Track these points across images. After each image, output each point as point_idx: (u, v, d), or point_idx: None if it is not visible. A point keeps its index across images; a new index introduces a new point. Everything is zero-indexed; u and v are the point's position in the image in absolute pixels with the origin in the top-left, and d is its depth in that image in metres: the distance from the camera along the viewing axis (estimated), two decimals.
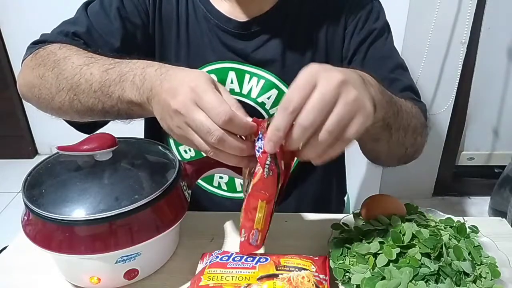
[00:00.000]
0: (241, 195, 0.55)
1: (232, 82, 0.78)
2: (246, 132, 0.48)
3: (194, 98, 0.46)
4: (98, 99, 0.58)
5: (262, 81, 0.78)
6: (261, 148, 0.48)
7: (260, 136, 0.48)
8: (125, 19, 0.76)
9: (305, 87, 0.44)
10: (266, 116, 0.79)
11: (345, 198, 1.04)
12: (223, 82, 0.78)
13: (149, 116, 0.55)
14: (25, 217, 0.57)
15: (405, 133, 0.64)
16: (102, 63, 0.59)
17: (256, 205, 0.52)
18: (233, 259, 0.56)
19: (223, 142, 0.46)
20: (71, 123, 0.71)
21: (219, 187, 0.86)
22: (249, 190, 0.52)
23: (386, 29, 0.80)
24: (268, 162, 0.48)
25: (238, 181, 0.84)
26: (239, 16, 0.76)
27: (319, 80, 0.45)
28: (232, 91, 0.79)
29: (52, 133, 1.32)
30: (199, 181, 0.86)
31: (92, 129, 0.72)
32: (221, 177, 0.85)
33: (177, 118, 0.48)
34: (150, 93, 0.52)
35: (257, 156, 0.48)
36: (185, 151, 0.85)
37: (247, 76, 0.78)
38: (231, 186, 0.85)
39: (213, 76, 0.78)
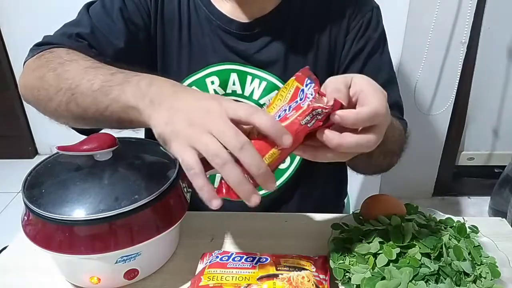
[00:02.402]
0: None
1: (234, 84, 0.78)
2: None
3: (208, 124, 0.45)
4: (95, 99, 0.56)
5: (264, 83, 0.78)
6: (311, 96, 0.47)
7: (309, 82, 0.47)
8: (127, 19, 0.75)
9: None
10: None
11: (345, 199, 1.04)
12: (225, 83, 0.78)
13: (139, 125, 0.54)
14: (25, 217, 0.57)
15: (384, 157, 0.69)
16: (109, 68, 0.58)
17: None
18: (233, 259, 0.56)
19: (227, 167, 0.44)
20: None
21: None
22: (289, 114, 0.48)
23: (382, 39, 0.80)
24: (314, 113, 0.46)
25: None
26: (241, 17, 0.76)
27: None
28: (234, 93, 0.79)
29: (52, 133, 1.31)
30: None
31: (91, 130, 0.72)
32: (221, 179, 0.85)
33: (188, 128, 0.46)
34: (157, 97, 0.50)
35: (307, 101, 0.47)
36: None
37: (249, 78, 0.78)
38: None
39: (215, 78, 0.78)
